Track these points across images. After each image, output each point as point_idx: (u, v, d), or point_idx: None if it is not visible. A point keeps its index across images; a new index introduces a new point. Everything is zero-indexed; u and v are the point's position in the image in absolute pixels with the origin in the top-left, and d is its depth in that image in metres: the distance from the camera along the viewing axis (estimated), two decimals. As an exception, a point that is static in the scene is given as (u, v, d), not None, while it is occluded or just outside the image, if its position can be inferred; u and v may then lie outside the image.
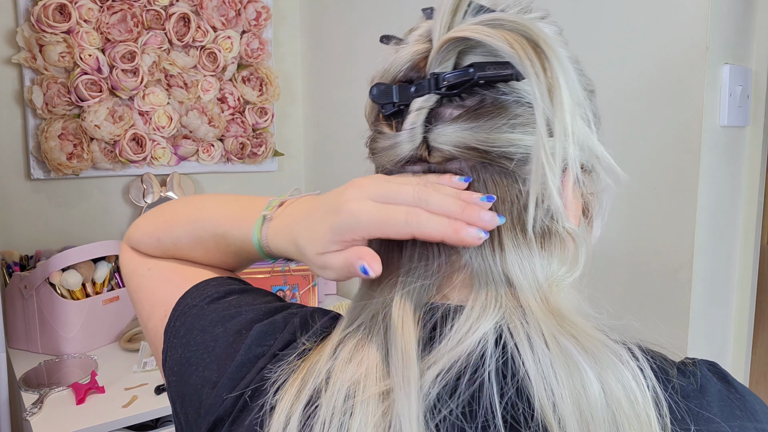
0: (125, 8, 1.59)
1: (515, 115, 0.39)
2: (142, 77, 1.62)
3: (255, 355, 0.42)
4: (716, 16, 0.89)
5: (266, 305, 0.46)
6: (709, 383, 0.38)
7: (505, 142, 0.39)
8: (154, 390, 1.18)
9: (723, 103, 0.93)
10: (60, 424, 1.06)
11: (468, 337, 0.36)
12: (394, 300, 0.39)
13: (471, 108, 0.39)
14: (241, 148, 1.84)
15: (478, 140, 0.39)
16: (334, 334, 0.41)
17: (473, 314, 0.37)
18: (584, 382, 0.34)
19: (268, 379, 0.40)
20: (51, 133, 1.51)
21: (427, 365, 0.36)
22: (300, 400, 0.37)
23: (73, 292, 1.39)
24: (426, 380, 0.35)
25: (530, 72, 0.35)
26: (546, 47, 0.35)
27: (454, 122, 0.39)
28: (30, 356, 1.38)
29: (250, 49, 1.83)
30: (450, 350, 0.36)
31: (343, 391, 0.36)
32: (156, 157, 1.71)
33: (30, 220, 1.58)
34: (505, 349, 0.36)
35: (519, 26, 0.36)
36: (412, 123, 0.40)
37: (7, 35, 1.51)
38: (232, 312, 0.45)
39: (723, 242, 0.99)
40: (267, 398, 0.39)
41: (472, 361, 0.35)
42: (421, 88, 0.40)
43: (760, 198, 1.01)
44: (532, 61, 0.35)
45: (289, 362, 0.40)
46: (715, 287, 0.99)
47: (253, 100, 1.85)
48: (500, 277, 0.38)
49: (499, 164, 0.39)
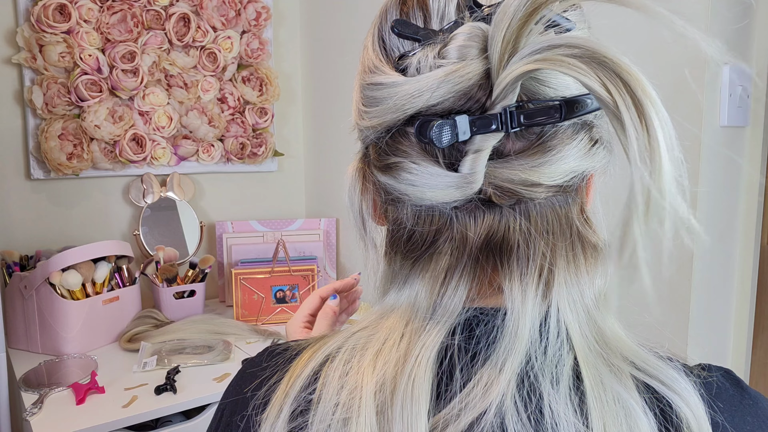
0: (125, 8, 1.59)
1: (578, 141, 0.36)
2: (142, 77, 1.62)
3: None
4: (716, 16, 0.89)
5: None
6: (722, 390, 0.38)
7: (568, 171, 0.36)
8: (154, 390, 1.18)
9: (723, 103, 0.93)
10: (60, 424, 1.06)
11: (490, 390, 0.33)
12: (419, 335, 0.36)
13: (534, 141, 0.35)
14: (241, 148, 1.84)
15: (547, 177, 0.35)
16: (314, 354, 0.39)
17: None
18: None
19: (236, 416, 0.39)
20: (51, 133, 1.51)
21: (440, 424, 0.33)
22: (282, 414, 0.36)
23: (73, 292, 1.39)
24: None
25: (629, 125, 0.29)
26: (644, 97, 0.30)
27: (521, 158, 0.35)
28: (30, 356, 1.37)
29: (250, 49, 1.83)
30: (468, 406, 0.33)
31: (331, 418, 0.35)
32: (156, 157, 1.71)
33: (30, 220, 1.58)
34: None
35: (614, 64, 0.30)
36: (475, 164, 0.34)
37: (7, 35, 1.51)
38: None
39: (723, 242, 0.99)
40: (246, 422, 0.38)
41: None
42: (486, 125, 0.33)
43: (760, 198, 1.01)
44: (630, 112, 0.30)
45: (258, 394, 0.39)
46: (715, 287, 0.99)
47: (253, 100, 1.85)
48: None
49: (557, 195, 0.37)
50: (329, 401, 0.35)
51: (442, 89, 0.34)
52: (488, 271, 0.37)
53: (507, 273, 0.36)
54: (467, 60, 0.34)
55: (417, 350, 0.35)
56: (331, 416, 0.34)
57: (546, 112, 0.33)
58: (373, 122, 0.39)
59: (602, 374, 0.34)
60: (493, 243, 0.37)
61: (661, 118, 0.29)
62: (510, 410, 0.33)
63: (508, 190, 0.35)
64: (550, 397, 0.33)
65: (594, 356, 0.35)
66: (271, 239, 1.83)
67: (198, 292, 1.64)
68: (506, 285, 0.36)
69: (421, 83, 0.34)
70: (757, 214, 1.02)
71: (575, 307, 0.36)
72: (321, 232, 1.87)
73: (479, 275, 0.37)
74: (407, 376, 0.34)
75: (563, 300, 0.35)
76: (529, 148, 0.35)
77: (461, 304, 0.37)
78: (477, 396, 0.33)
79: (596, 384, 0.34)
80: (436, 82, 0.34)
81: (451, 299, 0.37)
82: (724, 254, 1.00)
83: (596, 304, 0.37)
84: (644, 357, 0.36)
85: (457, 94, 0.34)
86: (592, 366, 0.34)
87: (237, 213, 1.93)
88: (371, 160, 0.41)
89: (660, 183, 0.28)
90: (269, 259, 1.74)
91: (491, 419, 0.33)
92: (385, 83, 0.37)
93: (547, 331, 0.35)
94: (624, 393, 0.34)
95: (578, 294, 0.36)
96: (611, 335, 0.36)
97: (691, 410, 0.34)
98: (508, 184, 0.35)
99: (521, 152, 0.35)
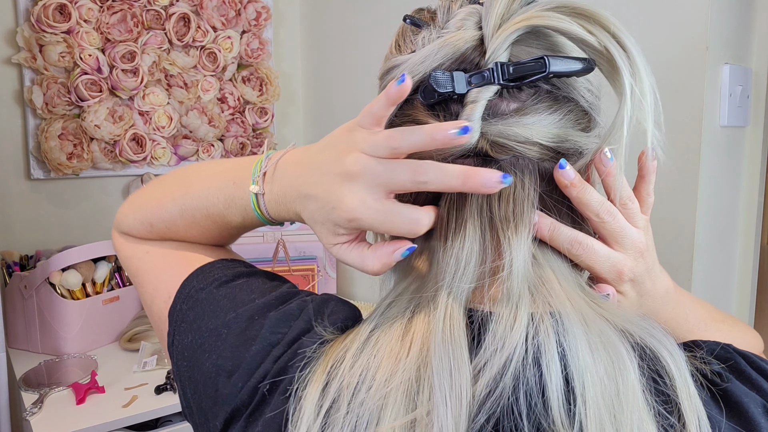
0: (125, 8, 1.59)
1: (569, 110, 0.40)
2: (142, 77, 1.62)
3: (270, 343, 0.41)
4: (716, 16, 0.89)
5: (277, 290, 0.45)
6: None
7: (562, 137, 0.39)
8: (154, 390, 1.18)
9: (723, 103, 0.93)
10: (60, 424, 1.06)
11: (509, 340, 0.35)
12: (439, 300, 0.37)
13: (528, 102, 0.39)
14: (241, 148, 1.84)
15: (540, 135, 0.38)
16: (362, 329, 0.40)
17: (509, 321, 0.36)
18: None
19: (288, 371, 0.39)
20: (51, 133, 1.51)
21: (475, 371, 0.35)
22: (325, 399, 0.37)
23: (73, 292, 1.39)
24: (477, 389, 0.34)
25: (614, 51, 0.36)
26: (618, 31, 0.36)
27: (514, 116, 0.38)
28: (30, 356, 1.37)
29: (250, 49, 1.83)
30: (495, 354, 0.35)
31: (372, 394, 0.35)
32: (156, 157, 1.71)
33: (30, 220, 1.58)
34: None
35: (589, 12, 0.37)
36: (470, 114, 0.38)
37: (7, 35, 1.51)
38: (243, 297, 0.44)
39: (723, 242, 0.99)
40: (289, 394, 0.38)
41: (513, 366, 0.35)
42: (480, 78, 0.37)
43: (760, 198, 1.01)
44: (612, 43, 0.36)
45: (308, 356, 0.39)
46: (715, 287, 0.99)
47: (253, 100, 1.85)
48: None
49: (554, 160, 0.40)
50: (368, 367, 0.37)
51: (442, 52, 0.39)
52: (488, 227, 0.39)
53: (503, 227, 0.39)
54: (463, 29, 0.39)
55: (443, 307, 0.37)
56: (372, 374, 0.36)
57: (533, 66, 0.37)
58: None
59: (588, 317, 0.37)
60: (491, 197, 0.39)
61: (634, 45, 0.36)
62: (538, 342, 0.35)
63: (503, 145, 0.38)
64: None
65: (582, 304, 0.38)
66: (271, 239, 1.83)
67: (198, 292, 1.63)
68: (504, 238, 0.38)
69: (424, 51, 0.40)
70: (757, 214, 1.02)
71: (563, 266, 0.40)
72: (321, 232, 1.87)
73: (484, 230, 0.39)
74: (442, 325, 0.36)
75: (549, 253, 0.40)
76: (522, 109, 0.39)
77: (476, 254, 0.39)
78: (506, 334, 0.36)
79: (588, 326, 0.36)
80: (437, 48, 0.39)
81: (466, 248, 0.39)
82: (724, 254, 1.00)
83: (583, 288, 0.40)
84: (631, 318, 0.38)
85: (455, 55, 0.39)
86: (578, 309, 0.37)
87: (237, 213, 1.92)
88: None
89: (642, 86, 0.36)
90: (269, 259, 1.74)
91: (520, 352, 0.35)
92: (399, 61, 0.42)
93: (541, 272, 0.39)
94: (608, 331, 0.36)
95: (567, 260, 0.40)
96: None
97: (669, 352, 0.36)
98: (503, 138, 0.38)
99: (515, 111, 0.39)
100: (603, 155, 0.39)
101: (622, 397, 0.34)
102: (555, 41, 0.40)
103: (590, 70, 0.38)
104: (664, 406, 0.35)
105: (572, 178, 0.39)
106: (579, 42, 0.38)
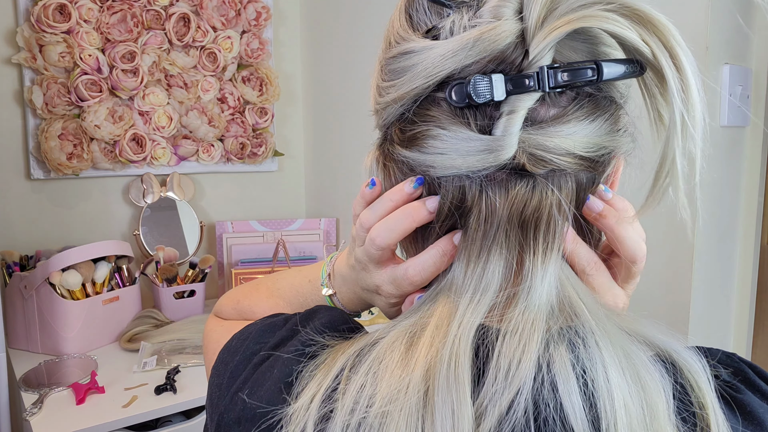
0: (125, 8, 1.59)
1: (609, 114, 0.36)
2: (142, 77, 1.62)
3: (252, 351, 0.41)
4: (716, 16, 0.89)
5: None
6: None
7: (601, 145, 0.36)
8: (154, 390, 1.18)
9: (723, 103, 0.93)
10: (60, 424, 1.06)
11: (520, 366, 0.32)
12: (454, 317, 0.35)
13: (570, 108, 0.35)
14: (241, 148, 1.84)
15: (581, 146, 0.35)
16: (362, 339, 0.38)
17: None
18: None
19: (266, 377, 0.39)
20: (51, 133, 1.51)
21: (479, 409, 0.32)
22: (316, 410, 0.34)
23: (73, 292, 1.39)
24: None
25: (666, 68, 0.32)
26: (676, 45, 0.32)
27: (554, 124, 0.34)
28: (30, 356, 1.37)
29: (250, 49, 1.83)
30: (504, 388, 0.32)
31: (368, 410, 0.33)
32: (156, 157, 1.71)
33: (30, 220, 1.58)
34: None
35: (647, 16, 0.33)
36: (509, 126, 0.33)
37: (7, 35, 1.51)
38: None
39: (723, 242, 0.99)
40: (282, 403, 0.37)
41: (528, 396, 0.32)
42: (522, 85, 0.33)
43: (760, 198, 1.01)
44: (665, 57, 0.32)
45: (296, 363, 0.38)
46: (715, 287, 0.99)
47: (253, 100, 1.85)
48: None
49: (589, 170, 0.37)
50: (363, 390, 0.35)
51: (477, 48, 0.33)
52: (516, 249, 0.36)
53: (530, 248, 0.36)
54: (502, 20, 0.33)
55: (455, 331, 0.34)
56: (366, 407, 0.33)
57: (582, 73, 0.33)
58: (400, 92, 0.37)
59: (613, 336, 0.34)
60: (525, 215, 0.35)
61: (689, 62, 0.33)
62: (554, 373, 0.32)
63: (542, 158, 0.34)
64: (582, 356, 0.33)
65: (605, 321, 0.35)
66: (271, 239, 1.83)
67: (198, 292, 1.64)
68: (528, 260, 0.35)
69: (454, 43, 0.34)
70: (757, 214, 1.02)
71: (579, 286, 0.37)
72: (321, 232, 1.87)
73: (510, 253, 0.36)
74: (447, 359, 0.33)
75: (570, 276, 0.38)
76: (563, 116, 0.35)
77: (496, 282, 0.36)
78: (511, 374, 0.32)
79: (613, 346, 0.33)
80: (471, 41, 0.33)
81: (487, 275, 0.36)
82: (724, 254, 1.00)
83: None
84: (648, 333, 0.36)
85: (492, 53, 0.33)
86: (602, 329, 0.34)
87: (237, 213, 1.93)
88: (393, 138, 0.40)
89: (693, 113, 0.33)
90: (269, 259, 1.74)
91: (529, 392, 0.32)
92: (415, 49, 0.36)
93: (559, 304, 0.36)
94: (635, 350, 0.34)
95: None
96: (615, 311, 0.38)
97: (688, 364, 0.34)
98: (542, 150, 0.34)
99: (555, 119, 0.34)
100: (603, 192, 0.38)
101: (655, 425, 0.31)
102: (601, 41, 0.36)
103: (640, 74, 0.34)
104: (693, 428, 0.33)
105: (600, 209, 0.37)
106: (629, 49, 0.34)
